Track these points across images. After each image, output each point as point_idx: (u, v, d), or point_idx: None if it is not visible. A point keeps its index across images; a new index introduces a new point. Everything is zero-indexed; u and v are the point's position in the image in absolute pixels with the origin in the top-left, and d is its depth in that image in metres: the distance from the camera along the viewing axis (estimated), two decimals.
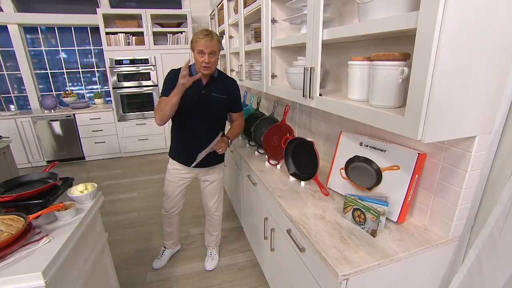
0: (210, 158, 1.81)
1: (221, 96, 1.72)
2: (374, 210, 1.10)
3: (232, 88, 1.78)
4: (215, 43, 1.54)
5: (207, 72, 1.61)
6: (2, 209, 1.19)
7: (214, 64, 1.61)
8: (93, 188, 1.38)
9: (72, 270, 1.12)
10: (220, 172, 1.98)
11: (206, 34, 1.53)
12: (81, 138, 4.41)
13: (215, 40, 1.55)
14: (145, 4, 4.68)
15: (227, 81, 1.79)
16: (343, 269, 0.94)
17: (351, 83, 1.19)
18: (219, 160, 1.93)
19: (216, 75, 1.73)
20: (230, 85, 1.78)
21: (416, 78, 0.80)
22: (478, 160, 0.98)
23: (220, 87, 1.72)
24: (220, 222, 2.15)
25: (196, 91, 1.67)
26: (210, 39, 1.52)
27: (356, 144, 1.39)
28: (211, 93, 1.70)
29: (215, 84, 1.72)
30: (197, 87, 1.67)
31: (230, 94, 1.76)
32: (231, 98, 1.77)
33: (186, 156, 1.81)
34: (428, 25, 0.74)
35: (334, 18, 1.46)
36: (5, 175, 2.60)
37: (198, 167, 1.84)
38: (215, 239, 2.18)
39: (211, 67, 1.59)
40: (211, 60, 1.56)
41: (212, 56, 1.56)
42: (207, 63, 1.56)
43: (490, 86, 0.87)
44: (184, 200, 2.06)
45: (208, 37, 1.52)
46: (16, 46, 4.28)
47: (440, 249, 1.09)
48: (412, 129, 0.84)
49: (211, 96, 1.70)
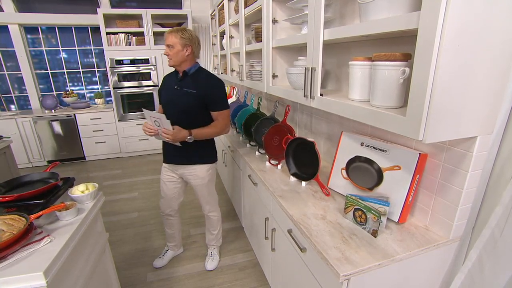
0: (183, 155, 1.82)
1: (191, 91, 1.70)
2: (375, 210, 1.10)
3: (206, 84, 1.72)
4: (172, 37, 1.64)
5: (170, 64, 1.72)
6: (3, 209, 1.19)
7: (174, 56, 1.67)
8: (94, 188, 1.38)
9: (73, 270, 1.13)
10: (203, 177, 1.88)
11: (169, 30, 1.67)
12: (81, 138, 4.41)
13: (174, 34, 1.64)
14: (145, 4, 4.68)
15: (203, 77, 1.75)
16: (344, 269, 0.94)
17: (352, 83, 1.19)
18: (192, 161, 1.84)
19: (191, 71, 1.74)
20: (204, 81, 1.73)
21: (417, 78, 0.80)
22: (479, 160, 0.98)
23: (193, 83, 1.72)
24: (219, 222, 2.14)
25: (171, 87, 1.77)
26: (170, 32, 1.66)
27: (357, 144, 1.39)
28: (183, 88, 1.73)
29: (189, 79, 1.73)
30: (173, 82, 1.78)
31: (202, 90, 1.69)
32: (203, 93, 1.70)
33: (166, 153, 1.89)
34: (429, 25, 0.74)
35: (334, 18, 1.46)
36: (5, 175, 2.60)
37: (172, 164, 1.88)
38: (215, 238, 2.17)
39: (170, 59, 1.69)
40: (169, 52, 1.67)
41: (170, 48, 1.66)
42: (167, 55, 1.68)
43: (491, 87, 0.87)
44: (180, 201, 2.05)
45: (169, 30, 1.67)
46: (16, 46, 4.28)
47: (441, 249, 1.09)
48: (413, 129, 0.84)
49: (183, 91, 1.72)
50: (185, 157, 1.83)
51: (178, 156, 1.83)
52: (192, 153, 1.82)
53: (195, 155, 1.83)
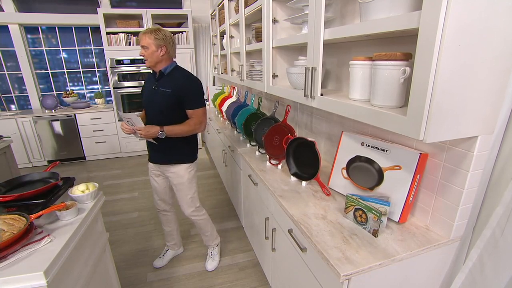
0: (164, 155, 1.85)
1: (166, 90, 1.72)
2: (376, 210, 1.09)
3: (181, 83, 1.72)
4: (146, 38, 1.65)
5: (146, 65, 1.73)
6: (4, 209, 1.19)
7: (149, 57, 1.68)
8: (94, 188, 1.38)
9: (73, 270, 1.12)
10: (181, 175, 1.88)
11: (142, 31, 1.68)
12: (81, 138, 4.41)
13: (148, 35, 1.65)
14: (145, 4, 4.68)
15: (178, 77, 1.75)
16: (345, 269, 0.94)
17: (352, 83, 1.19)
18: (171, 160, 1.85)
19: (166, 71, 1.75)
20: (179, 80, 1.73)
21: (418, 78, 0.80)
22: (480, 160, 0.98)
23: (168, 82, 1.73)
24: (207, 223, 2.09)
25: (149, 87, 1.80)
26: (144, 33, 1.67)
27: (358, 144, 1.39)
28: (159, 88, 1.74)
29: (164, 79, 1.75)
30: (151, 83, 1.81)
31: (177, 89, 1.70)
32: (178, 93, 1.70)
33: (149, 152, 1.95)
34: (430, 25, 0.74)
35: (335, 18, 1.46)
36: (6, 175, 2.60)
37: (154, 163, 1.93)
38: (210, 238, 2.15)
39: (146, 60, 1.70)
40: (144, 53, 1.68)
41: (145, 49, 1.67)
42: (142, 56, 1.70)
43: (492, 86, 0.87)
44: (172, 195, 2.07)
45: (142, 31, 1.68)
46: (17, 46, 4.28)
47: (442, 249, 1.09)
48: (414, 129, 0.84)
49: (159, 91, 1.74)
50: (165, 156, 1.86)
51: (159, 156, 1.87)
52: (172, 152, 1.84)
53: (175, 154, 1.85)
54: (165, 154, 1.84)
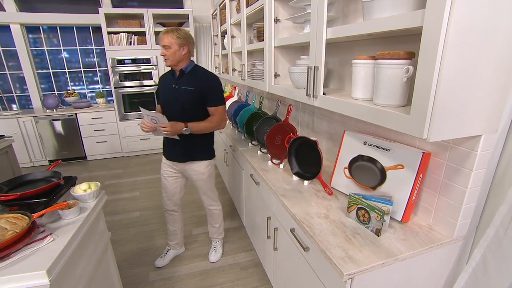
0: (185, 153, 1.87)
1: (190, 89, 1.74)
2: (378, 209, 1.09)
3: (203, 81, 1.76)
4: (168, 37, 1.66)
5: (167, 64, 1.74)
6: (6, 208, 1.19)
7: (171, 56, 1.70)
8: (96, 187, 1.38)
9: (76, 269, 1.13)
10: (203, 172, 1.94)
11: (164, 31, 1.69)
12: (82, 137, 4.41)
13: (170, 34, 1.67)
14: (147, 3, 4.68)
15: (200, 75, 1.79)
16: (348, 268, 0.94)
17: (355, 82, 1.19)
18: (194, 157, 1.90)
19: (187, 69, 1.78)
20: (201, 78, 1.77)
21: (422, 77, 0.80)
22: (483, 159, 0.98)
23: (191, 80, 1.76)
24: (220, 215, 2.19)
25: (169, 86, 1.79)
26: (165, 32, 1.68)
27: (360, 143, 1.39)
28: (181, 86, 1.76)
29: (186, 77, 1.77)
30: (170, 82, 1.80)
31: (200, 87, 1.74)
32: (201, 90, 1.74)
33: (167, 150, 1.94)
34: (434, 23, 0.73)
35: (337, 17, 1.46)
36: (8, 174, 2.60)
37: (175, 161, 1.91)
38: (217, 231, 2.23)
39: (167, 59, 1.71)
40: (166, 52, 1.69)
41: (167, 49, 1.68)
42: (163, 55, 1.70)
43: (496, 85, 0.87)
44: (181, 196, 2.10)
45: (164, 31, 1.69)
46: (18, 45, 4.29)
47: (445, 248, 1.09)
48: (417, 127, 0.83)
49: (181, 90, 1.76)
50: (187, 154, 1.88)
51: (180, 153, 1.88)
52: (194, 150, 1.87)
53: (196, 151, 1.89)
54: (187, 151, 1.87)
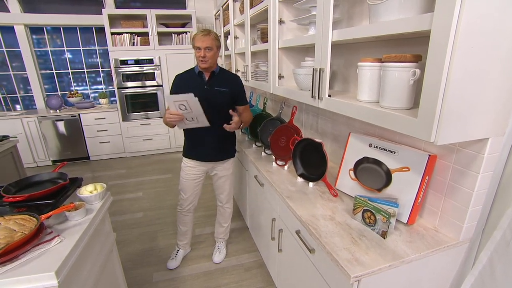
0: (221, 152, 1.95)
1: (224, 90, 1.80)
2: (384, 211, 1.09)
3: (235, 82, 1.86)
4: (210, 39, 1.68)
5: (204, 65, 1.72)
6: (14, 209, 1.20)
7: (211, 58, 1.71)
8: (102, 188, 1.38)
9: (82, 270, 1.13)
10: (228, 168, 2.05)
11: (203, 33, 1.69)
12: (86, 138, 4.43)
13: (211, 37, 1.69)
14: (150, 4, 4.69)
15: (229, 76, 1.89)
16: (354, 271, 0.94)
17: (360, 84, 1.19)
18: (227, 156, 2.00)
19: (217, 71, 1.83)
20: (232, 79, 1.87)
21: (429, 80, 0.80)
22: (490, 162, 0.98)
23: (222, 81, 1.81)
24: (230, 215, 2.25)
25: (200, 88, 1.78)
26: (206, 34, 1.68)
27: (365, 145, 1.39)
28: (214, 87, 1.79)
29: (216, 79, 1.81)
30: (200, 83, 1.80)
31: (233, 87, 1.83)
32: (234, 91, 1.84)
33: (196, 150, 1.93)
34: (443, 27, 0.74)
35: (342, 19, 1.46)
36: (13, 174, 2.62)
37: (207, 161, 1.94)
38: (224, 230, 2.27)
39: (207, 61, 1.71)
40: (207, 54, 1.69)
41: (208, 50, 1.69)
42: (203, 57, 1.69)
43: (504, 88, 0.87)
44: (198, 197, 2.12)
45: (203, 33, 1.69)
46: (22, 46, 4.32)
47: (451, 251, 1.09)
48: (425, 131, 0.84)
49: (214, 91, 1.79)
50: (220, 153, 1.96)
51: (214, 153, 1.94)
52: (226, 148, 1.98)
53: (228, 149, 2.00)
54: (222, 150, 1.95)
